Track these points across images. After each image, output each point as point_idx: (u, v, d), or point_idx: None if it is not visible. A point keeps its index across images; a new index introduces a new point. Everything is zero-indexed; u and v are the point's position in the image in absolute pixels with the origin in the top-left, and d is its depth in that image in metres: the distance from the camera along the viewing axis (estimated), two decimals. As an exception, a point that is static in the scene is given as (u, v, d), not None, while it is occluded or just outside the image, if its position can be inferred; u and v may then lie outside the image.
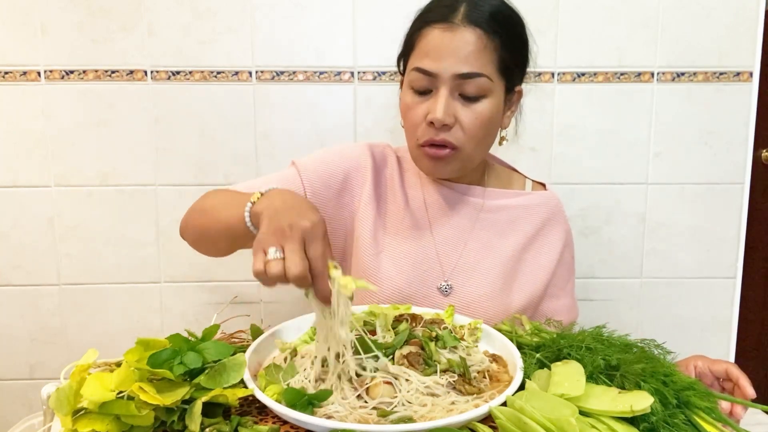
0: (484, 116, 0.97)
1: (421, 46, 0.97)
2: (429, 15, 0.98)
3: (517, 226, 1.09)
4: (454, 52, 0.94)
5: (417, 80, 0.97)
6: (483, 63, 0.95)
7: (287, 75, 1.45)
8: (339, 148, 1.11)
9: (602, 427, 0.62)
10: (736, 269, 1.56)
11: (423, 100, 0.98)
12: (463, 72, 0.94)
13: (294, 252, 0.69)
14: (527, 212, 1.10)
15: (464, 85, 0.95)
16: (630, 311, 1.57)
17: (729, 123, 1.49)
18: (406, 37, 1.02)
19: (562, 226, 1.12)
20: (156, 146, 1.46)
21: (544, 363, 0.74)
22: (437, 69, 0.95)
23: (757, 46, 1.46)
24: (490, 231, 1.08)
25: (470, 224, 1.08)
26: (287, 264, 0.68)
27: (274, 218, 0.73)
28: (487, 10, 0.96)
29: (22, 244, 1.48)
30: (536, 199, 1.12)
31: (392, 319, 0.84)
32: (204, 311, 1.54)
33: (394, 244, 1.06)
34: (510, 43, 0.98)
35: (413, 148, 1.03)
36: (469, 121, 0.97)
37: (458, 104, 0.97)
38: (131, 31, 1.41)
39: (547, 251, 1.10)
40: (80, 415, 0.63)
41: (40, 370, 1.55)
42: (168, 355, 0.65)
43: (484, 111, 0.97)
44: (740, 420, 0.75)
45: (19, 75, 1.42)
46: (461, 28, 0.94)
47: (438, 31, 0.95)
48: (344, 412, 0.64)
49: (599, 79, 1.47)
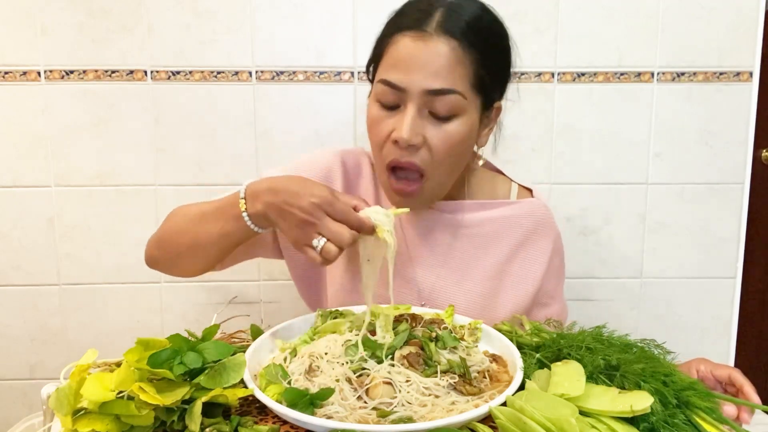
0: (455, 138, 0.88)
1: (390, 54, 0.88)
2: (401, 20, 0.89)
3: (500, 238, 1.02)
4: (424, 64, 0.84)
5: (383, 94, 0.88)
6: (456, 78, 0.85)
7: (287, 75, 1.45)
8: (307, 159, 1.03)
9: (602, 427, 0.62)
10: (736, 269, 1.56)
11: (390, 116, 0.88)
12: (433, 88, 0.84)
13: (331, 229, 0.77)
14: (511, 223, 1.02)
15: (434, 102, 0.86)
16: (630, 311, 1.57)
17: (729, 123, 1.49)
18: (376, 42, 0.93)
19: (549, 236, 1.04)
20: (156, 146, 1.46)
21: (544, 363, 0.74)
22: (405, 83, 0.85)
23: (757, 46, 1.46)
24: (470, 247, 1.01)
25: (449, 242, 1.01)
26: (337, 239, 0.77)
27: (286, 210, 0.78)
28: (464, 19, 0.86)
29: (22, 244, 1.48)
30: (521, 209, 1.03)
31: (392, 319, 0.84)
32: (204, 311, 1.54)
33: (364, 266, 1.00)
34: (489, 56, 0.88)
35: (380, 170, 0.93)
36: (438, 142, 0.87)
37: (427, 123, 0.87)
38: (131, 31, 1.42)
39: (533, 262, 1.03)
40: (80, 415, 0.63)
41: (40, 370, 1.55)
42: (168, 355, 0.65)
43: (455, 132, 0.88)
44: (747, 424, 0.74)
45: (19, 75, 1.42)
46: (434, 38, 0.84)
47: (409, 40, 0.86)
48: (344, 413, 0.64)
49: (599, 79, 1.47)
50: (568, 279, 1.14)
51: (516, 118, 1.47)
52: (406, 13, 0.89)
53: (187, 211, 0.95)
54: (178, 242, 0.93)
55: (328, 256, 0.77)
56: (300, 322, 0.87)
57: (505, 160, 1.50)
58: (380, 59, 0.90)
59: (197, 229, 0.90)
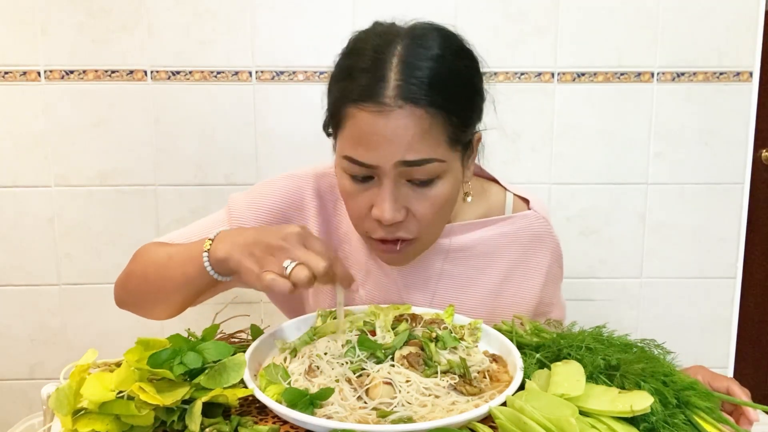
0: (441, 200, 0.80)
1: (350, 129, 0.77)
2: (351, 87, 0.76)
3: (495, 257, 0.95)
4: (391, 140, 0.74)
5: (351, 169, 0.79)
6: (430, 145, 0.75)
7: (287, 75, 1.45)
8: (277, 183, 0.93)
9: (602, 427, 0.62)
10: (736, 269, 1.56)
11: (364, 188, 0.80)
12: (407, 159, 0.75)
13: (306, 253, 0.70)
14: (506, 240, 0.95)
15: (411, 172, 0.77)
16: (630, 311, 1.57)
17: (729, 123, 1.49)
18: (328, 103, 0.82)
19: (547, 248, 0.98)
20: (156, 146, 1.46)
21: (544, 363, 0.74)
22: (375, 160, 0.75)
23: (757, 46, 1.46)
24: (462, 270, 0.95)
25: (439, 267, 0.94)
26: (311, 264, 0.69)
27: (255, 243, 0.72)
28: (424, 78, 0.74)
29: (22, 244, 1.48)
30: (516, 224, 0.96)
31: (392, 319, 0.84)
32: (204, 311, 1.53)
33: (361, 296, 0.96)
34: (458, 108, 0.78)
35: (363, 237, 0.87)
36: (423, 209, 0.79)
37: (408, 191, 0.79)
38: (131, 31, 1.42)
39: (531, 278, 0.97)
40: (80, 415, 0.63)
41: (40, 370, 1.55)
42: (168, 355, 0.65)
43: (439, 194, 0.79)
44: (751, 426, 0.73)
45: (19, 75, 1.42)
46: (395, 110, 0.73)
47: (367, 115, 0.74)
48: (344, 413, 0.64)
49: (599, 79, 1.47)
50: (568, 279, 1.13)
51: (516, 118, 1.48)
52: (354, 77, 0.76)
53: (154, 252, 0.88)
54: (142, 288, 0.89)
55: (296, 279, 0.68)
56: (300, 322, 0.87)
57: (505, 160, 1.50)
58: (338, 129, 0.80)
59: (162, 274, 0.84)
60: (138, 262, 0.90)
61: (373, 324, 0.82)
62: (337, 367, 0.71)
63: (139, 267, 0.89)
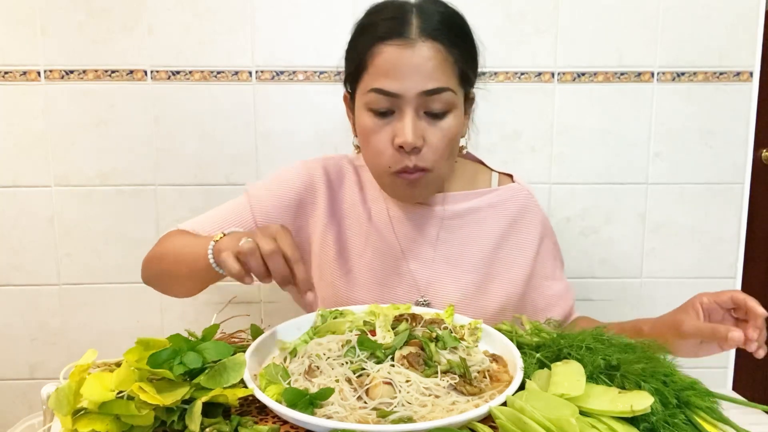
0: (451, 132, 0.93)
1: (377, 65, 0.91)
2: (378, 31, 0.91)
3: (486, 226, 1.05)
4: (416, 69, 0.89)
5: (376, 102, 0.91)
6: (447, 76, 0.91)
7: (287, 75, 1.45)
8: (292, 170, 1.06)
9: (602, 427, 0.62)
10: (736, 269, 1.56)
11: (385, 123, 0.92)
12: (428, 88, 0.89)
13: (264, 238, 0.75)
14: (495, 210, 1.06)
15: (430, 102, 0.90)
16: (630, 311, 1.57)
17: (729, 123, 1.49)
18: (353, 56, 0.96)
19: (535, 218, 1.07)
20: (156, 146, 1.46)
21: (544, 363, 0.74)
22: (400, 89, 0.89)
23: (757, 46, 1.46)
24: (457, 237, 1.04)
25: (436, 233, 1.04)
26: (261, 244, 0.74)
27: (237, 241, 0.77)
28: (438, 20, 0.91)
29: (22, 244, 1.48)
30: (503, 195, 1.07)
31: (392, 319, 0.84)
32: (204, 311, 1.54)
33: (362, 264, 1.04)
34: (466, 51, 0.95)
35: (382, 175, 0.97)
36: (437, 140, 0.92)
37: (424, 123, 0.92)
38: (131, 31, 1.42)
39: (522, 247, 1.05)
40: (80, 415, 0.63)
41: (40, 370, 1.55)
42: (168, 355, 0.65)
43: (450, 127, 0.93)
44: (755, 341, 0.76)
45: (19, 75, 1.42)
46: (419, 42, 0.89)
47: (394, 49, 0.89)
48: (344, 413, 0.64)
49: (599, 79, 1.47)
50: (568, 279, 1.13)
51: (516, 117, 1.48)
52: (378, 24, 0.92)
53: (172, 241, 0.99)
54: (160, 271, 0.99)
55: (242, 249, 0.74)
56: (300, 322, 0.87)
57: (505, 160, 1.50)
58: (363, 71, 0.93)
59: (177, 261, 0.93)
60: (160, 247, 1.00)
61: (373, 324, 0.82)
62: (337, 367, 0.71)
63: (159, 252, 1.00)
